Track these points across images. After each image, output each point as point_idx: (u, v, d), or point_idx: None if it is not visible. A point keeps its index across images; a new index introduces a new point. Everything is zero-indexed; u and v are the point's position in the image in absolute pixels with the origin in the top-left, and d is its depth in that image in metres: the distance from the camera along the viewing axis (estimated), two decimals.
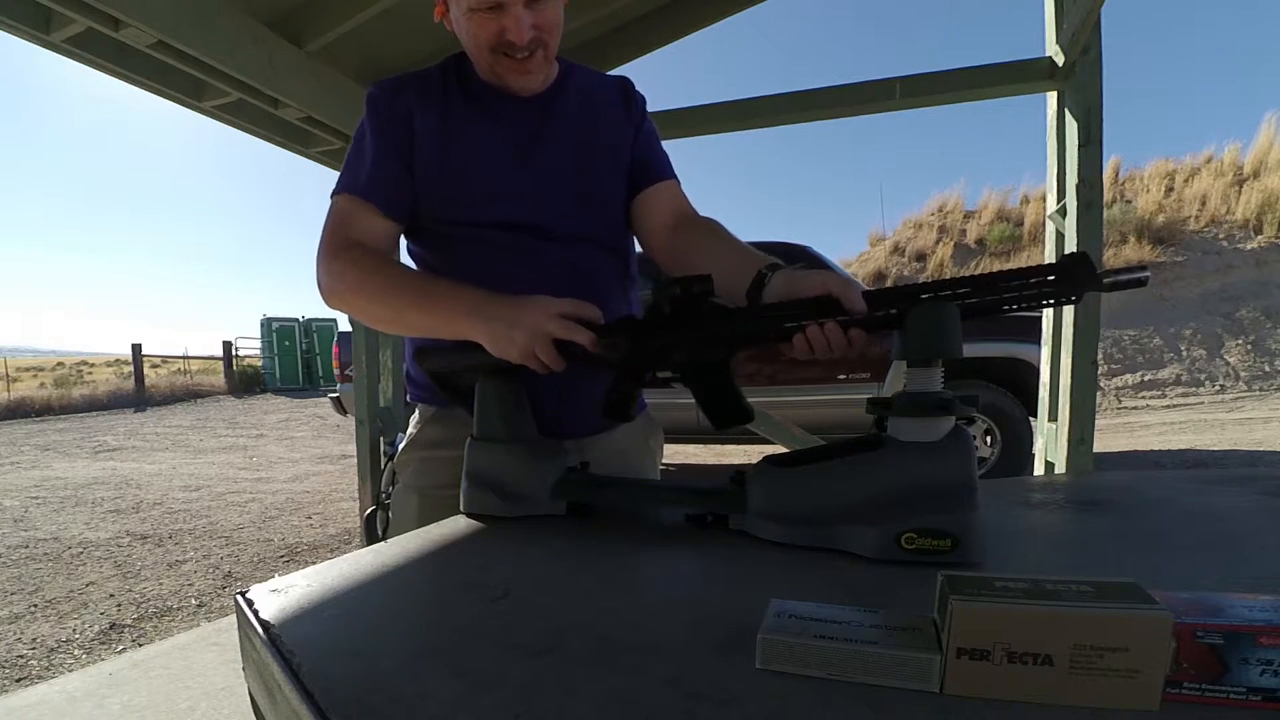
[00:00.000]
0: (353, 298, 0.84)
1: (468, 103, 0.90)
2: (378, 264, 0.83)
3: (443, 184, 0.89)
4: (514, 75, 0.85)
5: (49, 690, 1.77)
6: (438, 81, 0.90)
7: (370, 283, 0.82)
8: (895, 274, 11.43)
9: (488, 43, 0.82)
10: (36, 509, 4.37)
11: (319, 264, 0.85)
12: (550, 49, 0.85)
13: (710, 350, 0.68)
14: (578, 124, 0.94)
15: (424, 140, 0.88)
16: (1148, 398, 7.63)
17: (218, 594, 2.86)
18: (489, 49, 0.83)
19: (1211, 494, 0.78)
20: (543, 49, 0.84)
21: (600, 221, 0.95)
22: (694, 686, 0.37)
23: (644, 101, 1.02)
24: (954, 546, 0.54)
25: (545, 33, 0.82)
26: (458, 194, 0.89)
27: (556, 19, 0.83)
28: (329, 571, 0.60)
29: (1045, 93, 2.38)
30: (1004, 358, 3.85)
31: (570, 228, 0.91)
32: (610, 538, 0.69)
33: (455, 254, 0.91)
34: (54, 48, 1.92)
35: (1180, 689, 0.33)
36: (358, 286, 0.83)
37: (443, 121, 0.88)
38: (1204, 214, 9.90)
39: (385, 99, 0.88)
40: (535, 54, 0.84)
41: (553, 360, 0.72)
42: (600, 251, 0.95)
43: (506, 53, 0.82)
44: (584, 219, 0.93)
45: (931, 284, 0.58)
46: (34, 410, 11.01)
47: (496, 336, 0.73)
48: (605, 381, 0.76)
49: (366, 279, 0.82)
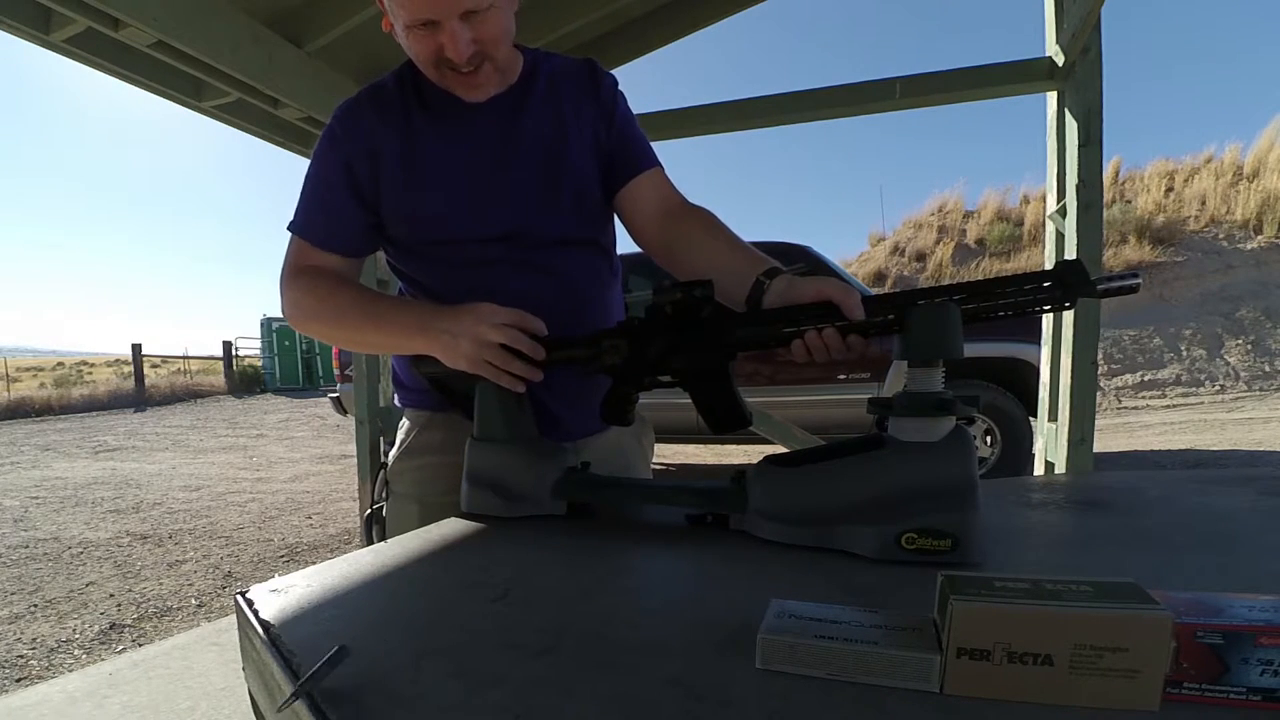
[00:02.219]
0: (312, 324, 0.87)
1: (430, 115, 0.87)
2: (331, 289, 0.85)
3: (417, 203, 0.87)
4: (462, 89, 0.83)
5: (49, 690, 1.77)
6: (396, 95, 0.88)
7: (325, 308, 0.85)
8: (895, 274, 11.43)
9: (429, 59, 0.79)
10: (36, 509, 4.37)
11: (281, 293, 0.87)
12: (498, 59, 0.82)
13: (710, 356, 0.68)
14: (547, 118, 0.90)
15: (391, 162, 0.85)
16: (1148, 398, 7.63)
17: (218, 594, 2.86)
18: (432, 65, 0.80)
19: (1211, 494, 0.78)
20: (489, 61, 0.81)
21: (583, 217, 0.93)
22: (694, 687, 0.37)
23: (614, 82, 0.97)
24: (954, 546, 0.54)
25: (488, 45, 0.79)
26: (433, 211, 0.87)
27: (499, 29, 0.79)
28: (329, 571, 0.60)
29: (1045, 93, 2.38)
30: (1004, 358, 3.85)
31: (554, 229, 0.90)
32: (610, 538, 0.69)
33: (442, 271, 0.90)
34: (54, 48, 1.92)
35: (1180, 689, 0.33)
36: (314, 313, 0.86)
37: (407, 140, 0.86)
38: (1204, 214, 9.90)
39: (342, 128, 0.86)
40: (482, 67, 0.81)
41: (502, 362, 0.73)
42: (586, 251, 0.94)
43: (450, 67, 0.80)
44: (566, 218, 0.91)
45: (928, 290, 0.58)
46: (34, 410, 11.00)
47: (446, 348, 0.75)
48: (601, 384, 0.77)
49: (321, 305, 0.85)
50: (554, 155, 0.89)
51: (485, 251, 0.87)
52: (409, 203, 0.87)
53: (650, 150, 0.98)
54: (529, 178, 0.88)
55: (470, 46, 0.77)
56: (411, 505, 0.94)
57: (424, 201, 0.86)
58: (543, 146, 0.89)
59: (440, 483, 0.91)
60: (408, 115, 0.87)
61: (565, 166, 0.90)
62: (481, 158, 0.87)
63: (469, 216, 0.87)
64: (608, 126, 0.94)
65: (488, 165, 0.87)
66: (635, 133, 0.97)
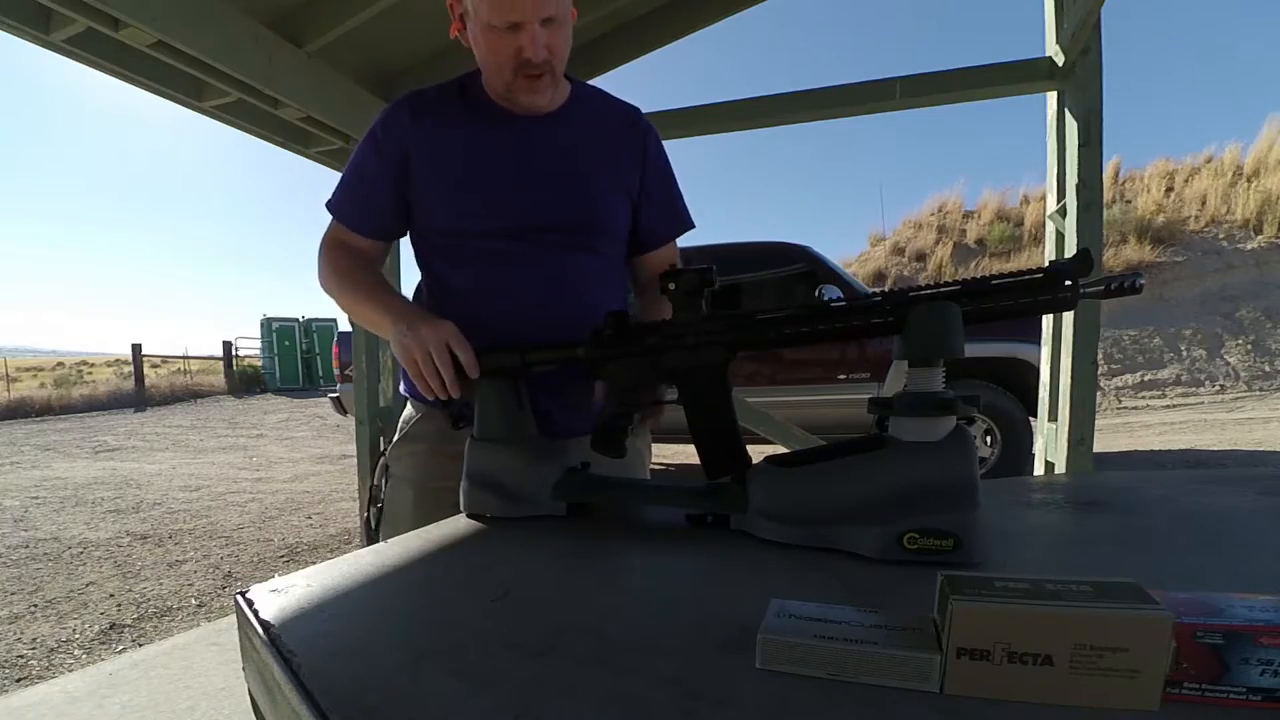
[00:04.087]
0: (328, 286, 0.97)
1: (472, 118, 0.94)
2: (349, 266, 0.96)
3: (446, 196, 0.93)
4: (526, 93, 0.89)
5: (49, 690, 1.77)
6: (440, 100, 0.95)
7: (337, 279, 0.95)
8: (895, 274, 11.43)
9: (508, 58, 0.84)
10: (36, 509, 4.37)
11: (319, 255, 0.99)
12: (558, 72, 0.89)
13: (706, 351, 0.68)
14: (583, 141, 0.96)
15: (423, 160, 0.92)
16: (1148, 398, 7.63)
17: (218, 594, 2.86)
18: (505, 66, 0.85)
19: (1211, 494, 0.78)
20: (551, 71, 0.87)
21: (602, 234, 0.97)
22: (694, 686, 0.37)
23: (657, 136, 1.04)
24: (955, 546, 0.54)
25: (555, 54, 0.86)
26: (461, 205, 0.92)
27: (566, 42, 0.88)
28: (329, 571, 0.60)
29: (1045, 93, 2.38)
30: (1004, 358, 3.85)
31: (572, 236, 0.94)
32: (610, 538, 0.69)
33: (459, 262, 0.95)
34: (54, 48, 1.92)
35: (1180, 689, 0.33)
36: (330, 280, 0.96)
37: (445, 136, 0.92)
38: (1204, 214, 9.90)
39: (382, 128, 0.94)
40: (544, 75, 0.87)
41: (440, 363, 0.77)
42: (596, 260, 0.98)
43: (523, 71, 0.85)
44: (586, 230, 0.95)
45: (927, 287, 0.58)
46: (34, 410, 11.00)
47: (399, 335, 0.82)
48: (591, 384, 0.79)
49: (335, 276, 0.96)
50: (584, 173, 0.95)
51: (502, 248, 0.92)
52: (435, 193, 0.93)
53: (673, 216, 1.05)
54: (551, 186, 0.93)
55: (544, 51, 0.84)
56: (408, 489, 0.98)
57: (447, 194, 0.93)
58: (574, 162, 0.95)
59: (436, 468, 0.96)
60: (450, 116, 0.94)
61: (590, 183, 0.95)
62: (509, 161, 0.93)
63: (485, 212, 0.92)
64: (640, 177, 1.01)
65: (513, 169, 0.92)
66: (669, 196, 1.05)
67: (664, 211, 1.05)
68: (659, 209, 1.04)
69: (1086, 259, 0.55)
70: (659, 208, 1.04)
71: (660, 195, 1.04)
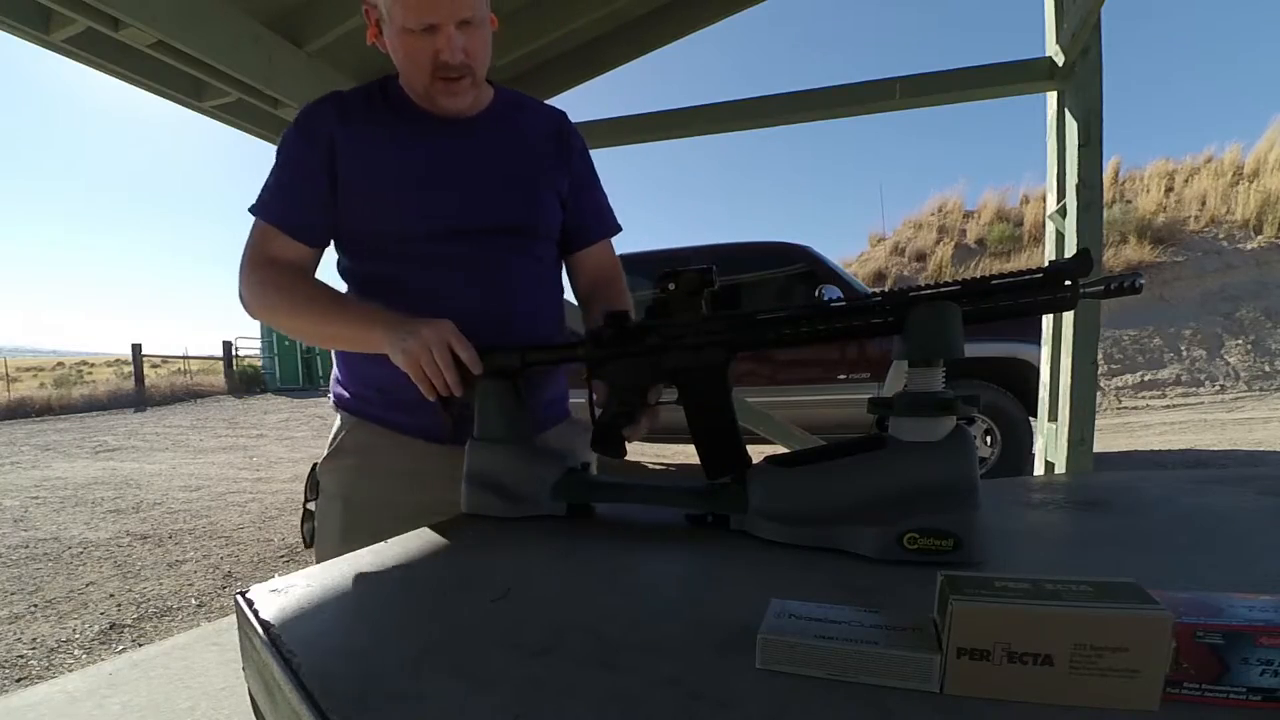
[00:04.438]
0: (271, 313, 0.90)
1: (394, 121, 0.91)
2: (294, 280, 0.88)
3: (376, 197, 0.90)
4: (445, 96, 0.87)
5: (49, 690, 1.77)
6: (363, 102, 0.92)
7: (287, 299, 0.88)
8: (895, 274, 11.43)
9: (425, 61, 0.84)
10: (36, 509, 4.37)
11: (240, 279, 0.90)
12: (478, 76, 0.88)
13: (706, 352, 0.68)
14: (511, 143, 0.96)
15: (348, 160, 0.89)
16: (1148, 398, 7.63)
17: (218, 594, 2.86)
18: (423, 69, 0.84)
19: (1211, 494, 0.78)
20: (470, 75, 0.86)
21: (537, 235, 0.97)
22: (694, 686, 0.37)
23: (583, 145, 1.04)
24: (955, 546, 0.54)
25: (473, 58, 0.85)
26: (391, 207, 0.90)
27: (485, 47, 0.87)
28: (329, 571, 0.60)
29: (1045, 93, 2.38)
30: (1004, 358, 3.85)
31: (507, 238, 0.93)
32: (610, 538, 0.69)
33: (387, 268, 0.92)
34: (54, 48, 1.92)
35: (1180, 689, 0.33)
36: (276, 303, 0.89)
37: (367, 141, 0.90)
38: (1204, 214, 9.90)
39: (309, 123, 0.90)
40: (464, 78, 0.86)
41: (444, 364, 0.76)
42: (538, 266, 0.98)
43: (440, 74, 0.85)
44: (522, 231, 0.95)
45: (927, 287, 0.58)
46: (34, 410, 11.00)
47: (397, 341, 0.79)
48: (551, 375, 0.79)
49: (283, 296, 0.88)
50: (515, 174, 0.94)
51: (436, 251, 0.90)
52: (360, 198, 0.90)
53: (604, 217, 1.06)
54: (488, 186, 0.92)
55: (461, 54, 0.83)
56: (336, 503, 0.95)
57: (371, 199, 0.90)
58: (505, 163, 0.94)
59: (364, 483, 0.94)
60: (372, 119, 0.91)
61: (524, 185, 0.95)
62: (433, 165, 0.91)
63: (420, 216, 0.90)
64: (569, 182, 1.01)
65: (437, 173, 0.91)
66: (596, 199, 1.05)
67: (593, 211, 1.05)
68: (587, 209, 1.04)
69: (1086, 259, 0.55)
70: (587, 208, 1.04)
71: (588, 196, 1.04)
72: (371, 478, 0.93)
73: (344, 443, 0.97)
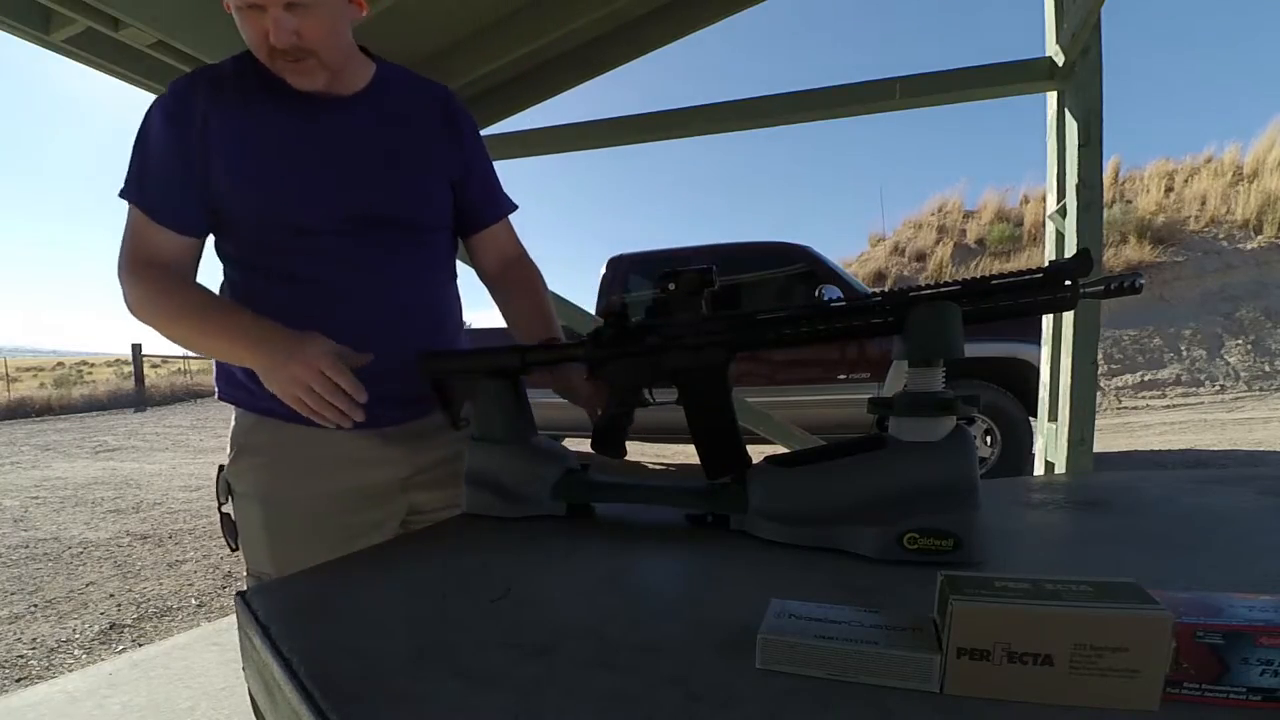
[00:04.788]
0: (151, 319, 0.85)
1: (270, 99, 0.86)
2: (173, 286, 0.85)
3: (251, 187, 0.85)
4: (291, 75, 0.83)
5: (49, 690, 1.77)
6: (232, 78, 0.86)
7: (165, 305, 0.84)
8: (895, 274, 11.43)
9: (256, 42, 0.80)
10: (36, 509, 4.37)
11: (120, 277, 0.85)
12: (324, 58, 0.82)
13: (706, 352, 0.68)
14: (393, 123, 0.92)
15: (224, 142, 0.84)
16: (1148, 398, 7.63)
17: (218, 594, 2.86)
18: (259, 48, 0.81)
19: (1211, 494, 0.78)
20: (314, 57, 0.81)
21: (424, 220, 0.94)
22: (694, 686, 0.37)
23: (473, 125, 1.00)
24: (955, 546, 0.54)
25: (310, 41, 0.79)
26: (259, 192, 0.85)
27: (325, 29, 0.80)
28: (329, 571, 0.60)
29: (1045, 93, 2.38)
30: (1004, 358, 3.85)
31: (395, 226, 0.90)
32: (610, 538, 0.69)
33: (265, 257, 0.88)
34: (54, 48, 1.92)
35: (1180, 689, 0.33)
36: (155, 309, 0.84)
37: (244, 122, 0.85)
38: (1204, 214, 9.90)
39: (177, 104, 0.84)
40: (307, 60, 0.81)
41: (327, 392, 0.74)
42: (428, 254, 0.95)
43: (279, 55, 0.80)
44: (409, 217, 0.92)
45: (927, 287, 0.58)
46: (34, 410, 11.01)
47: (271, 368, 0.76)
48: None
49: (162, 302, 0.84)
50: (399, 156, 0.91)
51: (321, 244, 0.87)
52: (239, 184, 0.85)
53: (499, 199, 1.04)
54: (370, 171, 0.89)
55: (292, 37, 0.78)
56: (254, 505, 0.91)
57: (252, 185, 0.85)
58: (387, 145, 0.91)
59: (281, 480, 0.90)
60: (247, 97, 0.86)
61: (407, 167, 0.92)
62: (313, 148, 0.87)
63: (300, 200, 0.86)
64: (459, 161, 0.98)
65: (318, 156, 0.87)
66: (489, 179, 1.03)
67: (487, 190, 1.02)
68: (480, 188, 1.01)
69: (1086, 259, 0.55)
70: (481, 187, 1.01)
71: (480, 175, 1.00)
72: (286, 474, 0.89)
73: (249, 441, 0.92)
